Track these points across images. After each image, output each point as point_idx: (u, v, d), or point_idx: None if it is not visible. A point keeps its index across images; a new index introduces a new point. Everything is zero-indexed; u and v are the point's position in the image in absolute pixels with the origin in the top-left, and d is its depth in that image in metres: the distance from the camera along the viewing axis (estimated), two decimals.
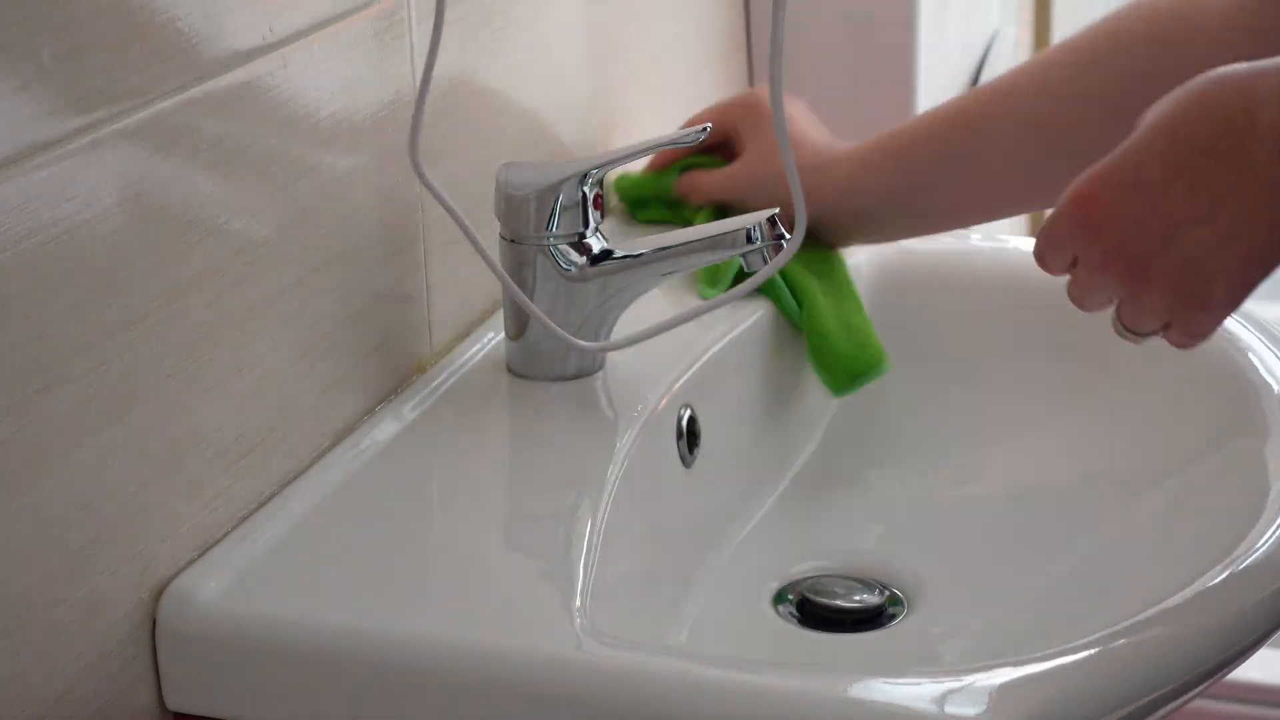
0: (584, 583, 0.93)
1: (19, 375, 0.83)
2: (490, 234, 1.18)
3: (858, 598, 1.10)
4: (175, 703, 0.94)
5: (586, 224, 1.12)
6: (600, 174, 1.12)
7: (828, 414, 1.28)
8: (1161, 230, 0.84)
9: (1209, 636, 0.90)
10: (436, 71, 1.15)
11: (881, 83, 1.68)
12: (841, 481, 1.24)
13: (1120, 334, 0.93)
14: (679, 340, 1.20)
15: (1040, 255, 0.92)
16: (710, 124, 1.13)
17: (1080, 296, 0.92)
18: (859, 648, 1.05)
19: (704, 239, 1.11)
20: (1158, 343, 0.93)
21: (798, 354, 1.27)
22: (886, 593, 1.11)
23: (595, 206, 1.13)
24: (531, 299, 1.14)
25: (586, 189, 1.12)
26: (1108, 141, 0.87)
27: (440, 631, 0.91)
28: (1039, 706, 0.84)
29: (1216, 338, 1.16)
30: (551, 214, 1.12)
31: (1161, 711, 0.87)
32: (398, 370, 1.14)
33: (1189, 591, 0.92)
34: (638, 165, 1.36)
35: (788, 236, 1.10)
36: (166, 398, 0.92)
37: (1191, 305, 0.87)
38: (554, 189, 1.11)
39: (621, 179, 1.37)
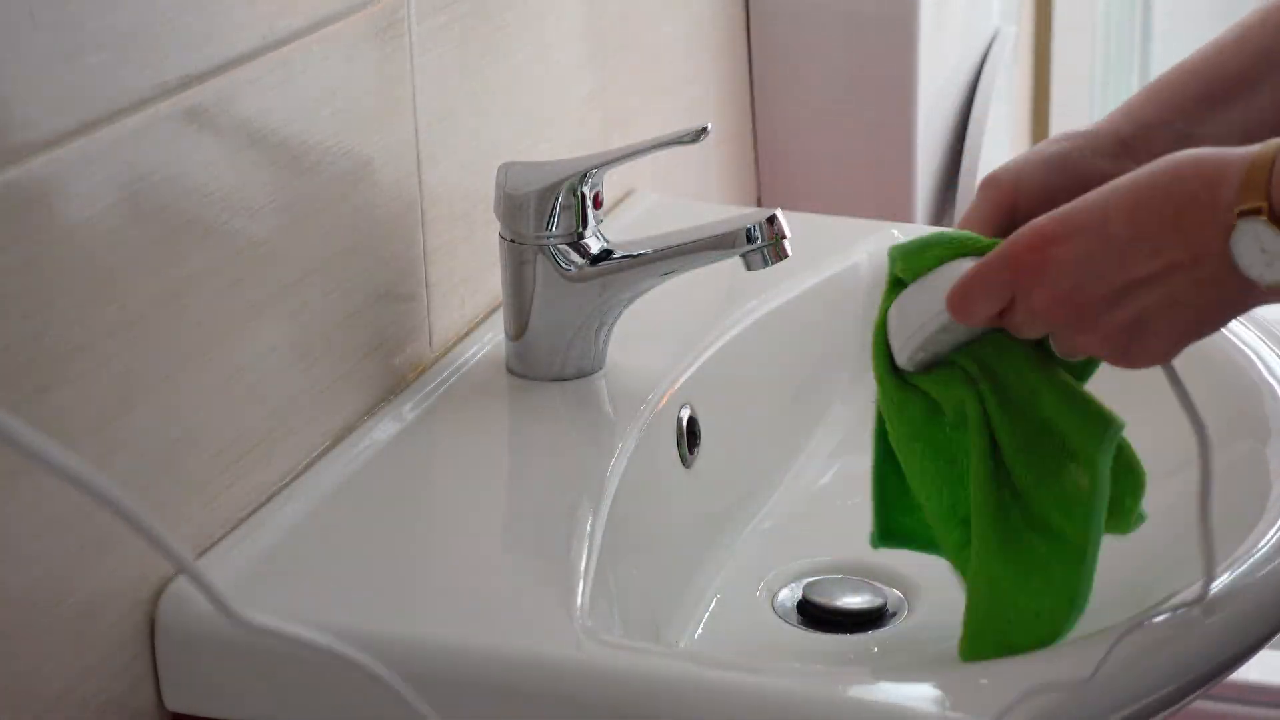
0: (584, 583, 0.93)
1: (19, 375, 0.83)
2: (489, 235, 1.18)
3: (858, 598, 1.10)
4: (174, 703, 0.94)
5: (586, 224, 1.12)
6: (600, 174, 1.12)
7: (828, 413, 1.28)
8: (1119, 285, 0.85)
9: (1210, 637, 0.90)
10: (436, 70, 1.15)
11: (881, 83, 1.68)
12: (842, 481, 1.24)
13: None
14: (679, 340, 1.20)
15: (969, 295, 0.90)
16: (709, 126, 1.12)
17: (1014, 328, 0.91)
18: (859, 648, 1.05)
19: (704, 239, 1.11)
20: None
21: (797, 352, 1.27)
22: (887, 593, 1.11)
23: (595, 206, 1.13)
24: (531, 299, 1.14)
25: (586, 189, 1.12)
26: None
27: (440, 632, 0.91)
28: (1039, 706, 0.84)
29: (1218, 338, 1.16)
30: (551, 214, 1.12)
31: (1162, 713, 0.87)
32: (398, 370, 1.14)
33: (1189, 592, 0.91)
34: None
35: (788, 236, 1.10)
36: (166, 398, 0.92)
37: (1125, 357, 0.88)
38: (554, 189, 1.11)
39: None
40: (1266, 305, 0.86)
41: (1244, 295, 0.84)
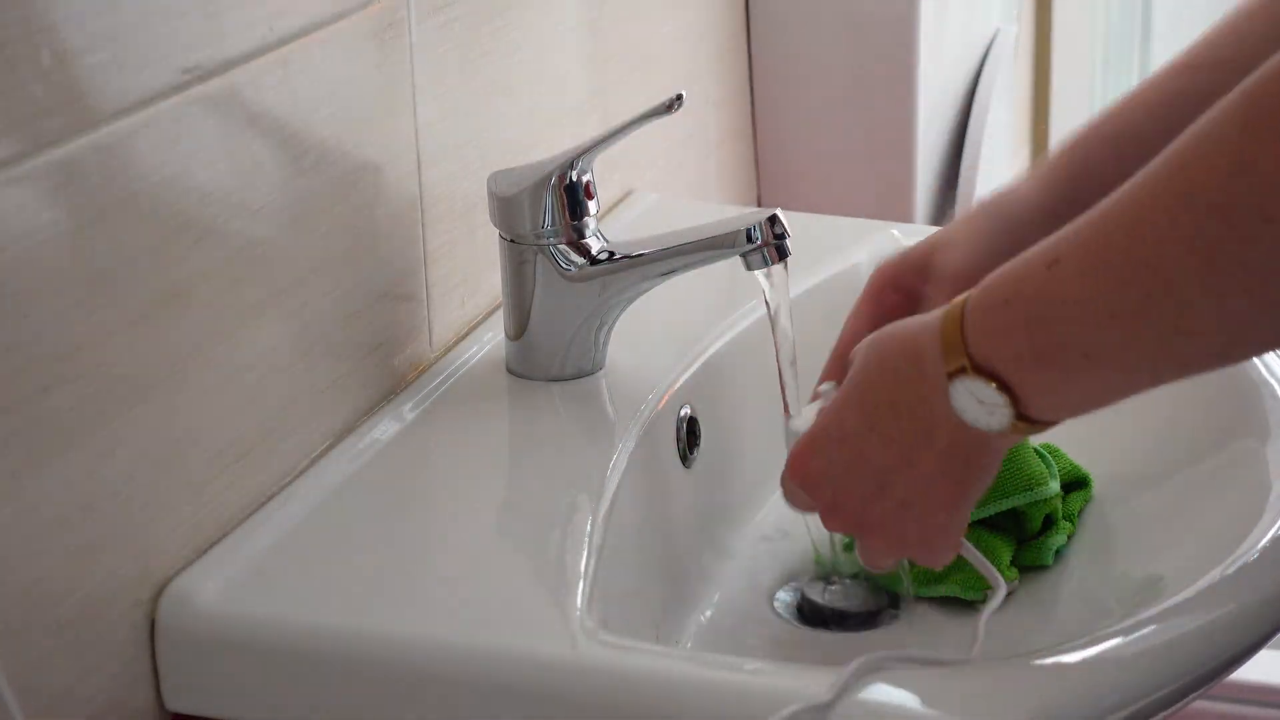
0: (584, 583, 0.93)
1: (19, 375, 0.83)
2: (489, 235, 1.18)
3: (857, 598, 1.10)
4: (174, 703, 0.94)
5: (582, 213, 1.12)
6: (588, 161, 1.12)
7: None
8: (873, 477, 0.89)
9: (1209, 637, 0.90)
10: (436, 70, 1.15)
11: (881, 83, 1.68)
12: None
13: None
14: (679, 340, 1.20)
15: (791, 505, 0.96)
16: (682, 94, 1.11)
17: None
18: (859, 648, 1.05)
19: (704, 239, 1.11)
20: None
21: (797, 352, 1.26)
22: (886, 592, 1.10)
23: (587, 196, 1.13)
24: (531, 299, 1.14)
25: (575, 176, 1.12)
26: None
27: (440, 631, 0.91)
28: (1039, 706, 0.84)
29: None
30: (546, 209, 1.12)
31: (1162, 713, 0.87)
32: (398, 370, 1.14)
33: (1189, 592, 0.91)
34: None
35: (788, 236, 1.10)
36: (166, 398, 0.92)
37: (919, 543, 0.91)
38: (544, 183, 1.11)
39: None
40: (1014, 443, 0.87)
41: (987, 446, 0.86)
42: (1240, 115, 0.72)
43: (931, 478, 0.87)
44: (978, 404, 0.83)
